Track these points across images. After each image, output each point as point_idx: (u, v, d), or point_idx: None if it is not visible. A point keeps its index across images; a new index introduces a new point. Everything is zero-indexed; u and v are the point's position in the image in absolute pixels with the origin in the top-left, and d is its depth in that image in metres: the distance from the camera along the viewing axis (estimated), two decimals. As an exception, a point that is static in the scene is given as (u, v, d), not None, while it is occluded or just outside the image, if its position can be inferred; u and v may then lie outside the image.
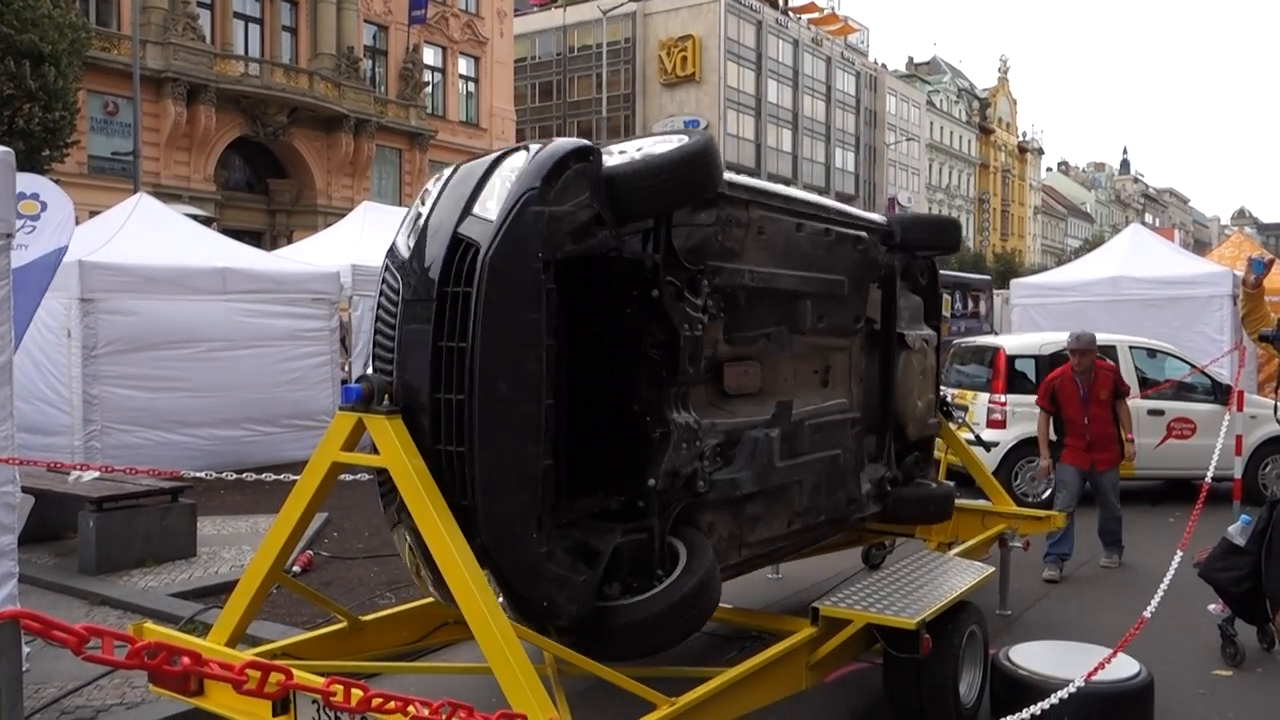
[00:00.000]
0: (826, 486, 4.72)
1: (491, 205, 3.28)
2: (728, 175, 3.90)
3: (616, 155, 3.57)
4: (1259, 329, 5.70)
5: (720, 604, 4.92)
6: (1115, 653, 4.16)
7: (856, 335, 5.15)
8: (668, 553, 3.65)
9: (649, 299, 3.59)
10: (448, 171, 3.68)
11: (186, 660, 1.42)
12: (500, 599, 3.24)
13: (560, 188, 3.25)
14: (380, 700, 1.63)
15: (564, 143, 3.39)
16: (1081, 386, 7.44)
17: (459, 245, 3.28)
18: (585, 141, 3.43)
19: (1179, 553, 5.11)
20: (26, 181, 6.42)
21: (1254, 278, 5.55)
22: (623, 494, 3.66)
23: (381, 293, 3.57)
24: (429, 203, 3.54)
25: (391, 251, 3.60)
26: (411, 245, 3.48)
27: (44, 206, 6.26)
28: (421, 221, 3.50)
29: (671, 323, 3.63)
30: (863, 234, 5.06)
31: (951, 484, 6.10)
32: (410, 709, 1.66)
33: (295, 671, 1.96)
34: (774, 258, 4.34)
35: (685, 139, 3.62)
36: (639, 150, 3.59)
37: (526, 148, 3.44)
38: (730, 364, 4.18)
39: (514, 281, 3.18)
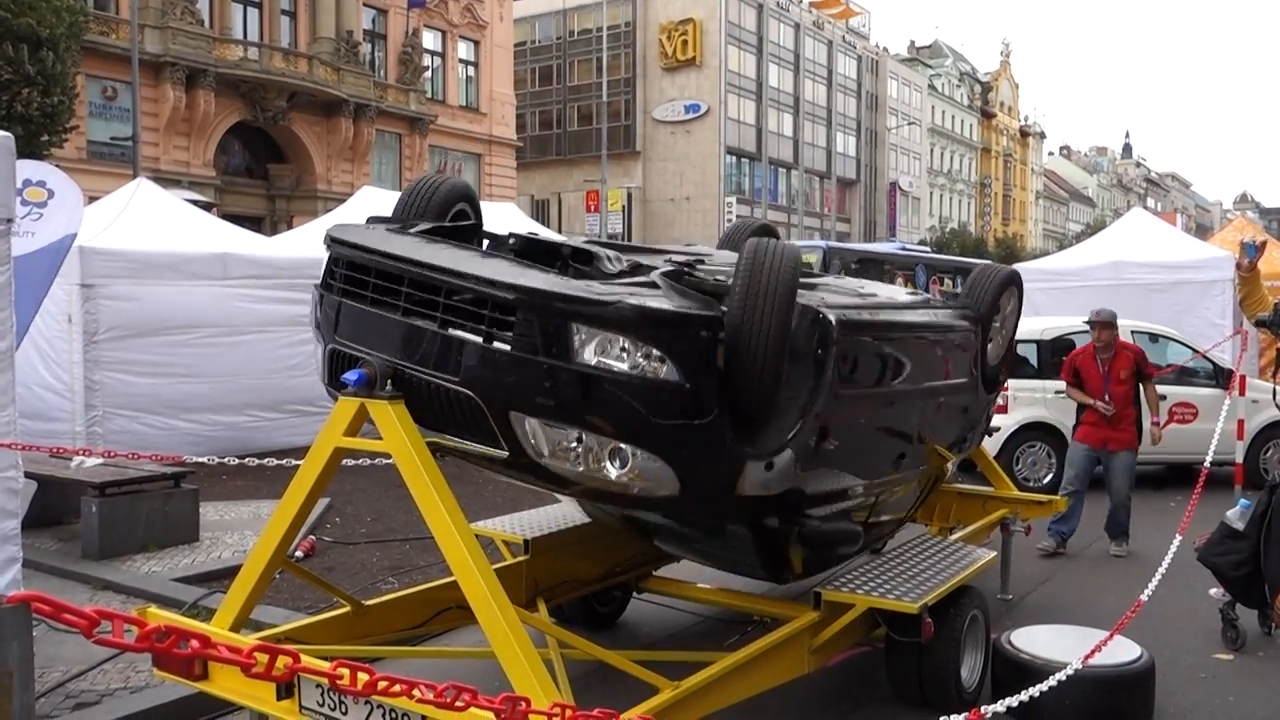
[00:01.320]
0: (876, 289, 4.97)
1: None
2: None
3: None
4: (1256, 313, 5.70)
5: (722, 588, 4.96)
6: (1111, 636, 4.17)
7: None
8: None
9: (518, 246, 4.12)
10: None
11: (196, 644, 1.42)
12: (639, 351, 3.16)
13: (354, 228, 4.04)
14: (386, 684, 1.64)
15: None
16: (1101, 363, 7.50)
17: (325, 279, 3.84)
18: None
19: (1178, 537, 5.12)
20: (32, 169, 6.41)
21: (1247, 261, 5.55)
22: None
23: (328, 384, 3.89)
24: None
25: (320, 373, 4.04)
26: (319, 355, 3.96)
27: (51, 194, 6.26)
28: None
29: (550, 242, 4.12)
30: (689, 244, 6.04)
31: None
32: (416, 692, 1.67)
33: (303, 655, 1.97)
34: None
35: None
36: None
37: None
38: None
39: (368, 235, 3.81)
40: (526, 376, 3.18)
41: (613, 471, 3.28)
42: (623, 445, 3.24)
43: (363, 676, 1.61)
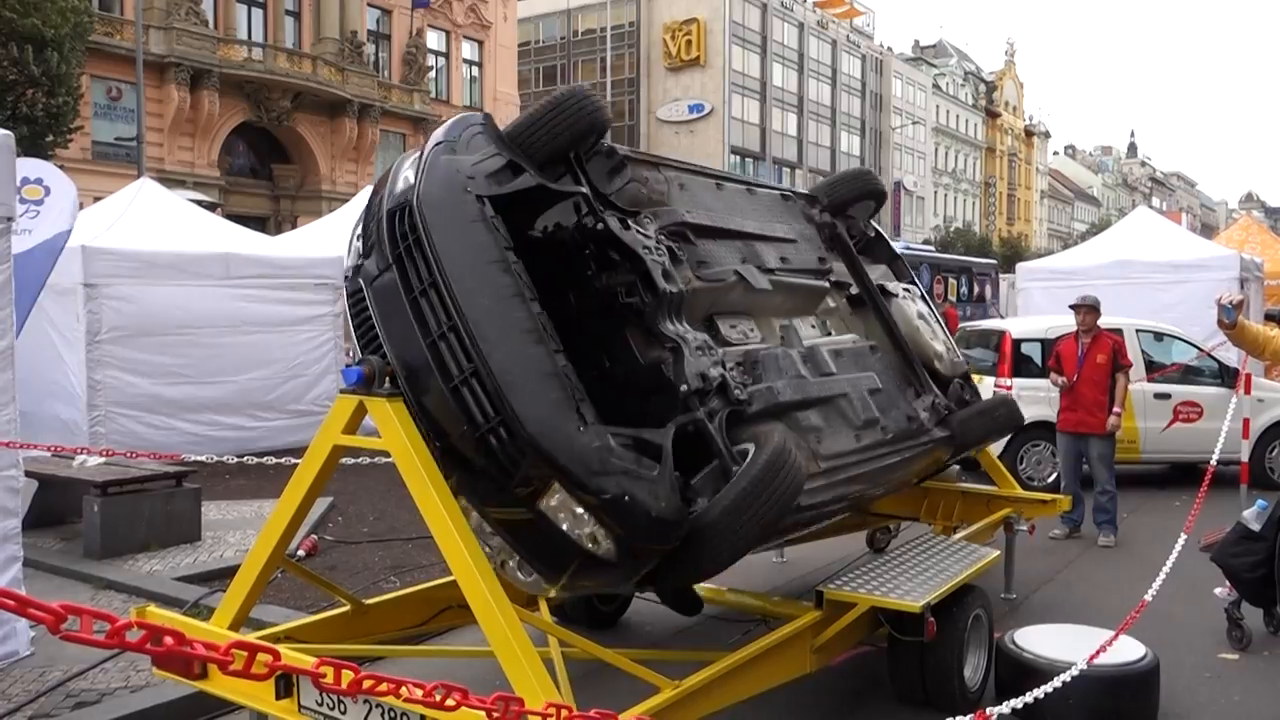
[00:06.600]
0: (876, 404, 4.65)
1: (408, 173, 3.59)
2: (630, 150, 4.30)
3: None
4: (1262, 350, 5.69)
5: (724, 588, 4.94)
6: (1116, 636, 4.14)
7: (829, 276, 5.22)
8: (738, 456, 3.51)
9: (598, 233, 3.80)
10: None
11: (170, 640, 1.39)
12: (597, 531, 3.14)
13: (464, 143, 3.66)
14: (371, 682, 1.61)
15: (463, 114, 3.89)
16: (1081, 346, 7.86)
17: (393, 215, 3.50)
18: (483, 112, 3.87)
19: (1183, 535, 5.08)
20: (31, 167, 6.39)
21: (1228, 320, 5.51)
22: (660, 401, 3.62)
23: (350, 308, 3.74)
24: (356, 228, 3.83)
25: (345, 276, 3.82)
26: (355, 252, 3.72)
27: (48, 191, 6.24)
28: (357, 236, 3.77)
29: (629, 248, 3.79)
30: (785, 194, 5.56)
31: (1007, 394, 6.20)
32: (404, 691, 1.64)
33: (284, 652, 1.94)
34: (705, 205, 4.60)
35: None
36: None
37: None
38: (719, 311, 4.32)
39: (452, 211, 3.41)
40: (491, 486, 3.22)
41: (513, 571, 3.39)
42: (532, 568, 3.36)
43: (347, 675, 1.58)
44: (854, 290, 5.43)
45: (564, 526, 3.16)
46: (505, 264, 3.35)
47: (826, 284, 5.16)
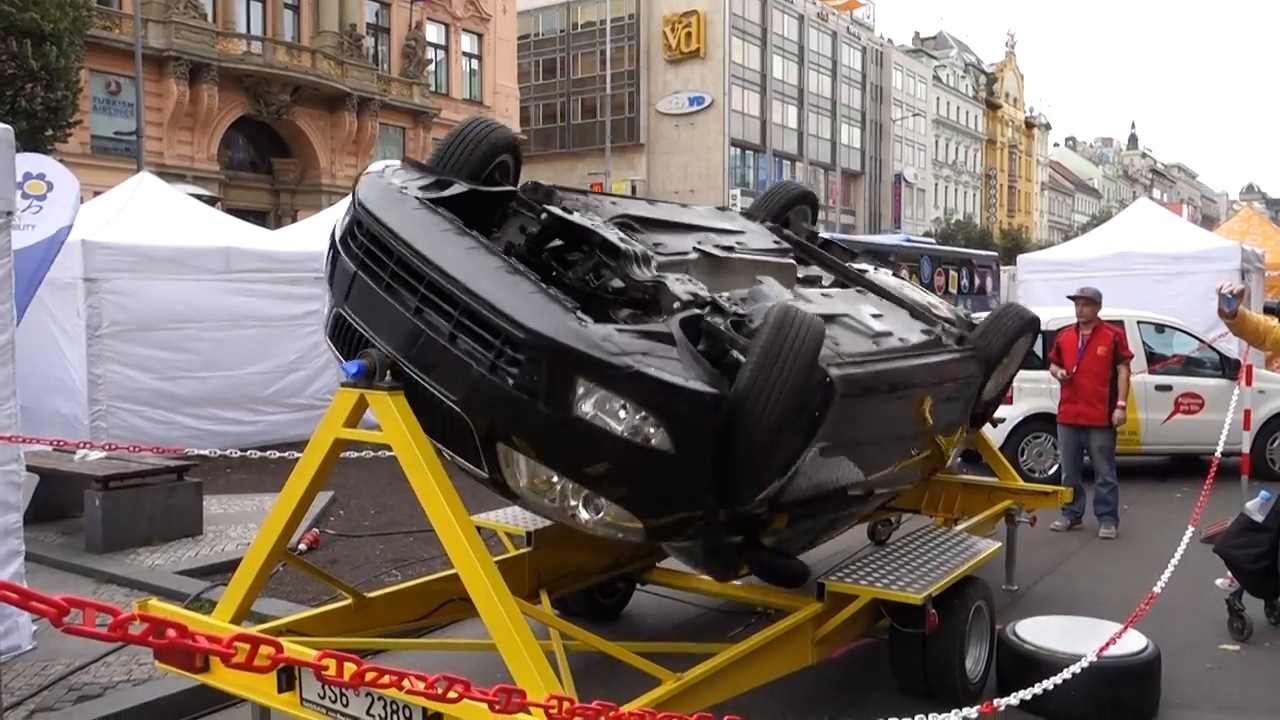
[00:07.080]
0: (884, 324, 4.67)
1: (346, 211, 3.84)
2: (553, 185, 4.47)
3: None
4: (1264, 340, 5.68)
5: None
6: (1125, 629, 4.14)
7: (790, 255, 5.31)
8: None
9: (547, 226, 3.87)
10: None
11: (172, 633, 1.39)
12: (642, 423, 3.09)
13: (390, 174, 3.93)
14: (374, 675, 1.61)
15: (379, 160, 4.28)
16: (1081, 338, 7.91)
17: (345, 239, 3.72)
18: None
19: (1190, 528, 5.08)
20: (33, 162, 6.39)
21: (1229, 310, 5.50)
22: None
23: (336, 344, 3.86)
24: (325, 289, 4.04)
25: (324, 325, 3.99)
26: (327, 297, 3.92)
27: (50, 187, 6.24)
28: (326, 288, 3.95)
29: (579, 227, 3.86)
30: (719, 207, 5.89)
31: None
32: (405, 683, 1.64)
33: (286, 645, 1.94)
34: (646, 211, 4.81)
35: None
36: None
37: None
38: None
39: (395, 206, 3.62)
40: (522, 415, 3.17)
41: (584, 515, 3.33)
42: (600, 497, 3.28)
43: (349, 667, 1.58)
44: (827, 283, 5.44)
45: (609, 427, 3.10)
46: (462, 230, 3.49)
47: (791, 261, 5.22)
